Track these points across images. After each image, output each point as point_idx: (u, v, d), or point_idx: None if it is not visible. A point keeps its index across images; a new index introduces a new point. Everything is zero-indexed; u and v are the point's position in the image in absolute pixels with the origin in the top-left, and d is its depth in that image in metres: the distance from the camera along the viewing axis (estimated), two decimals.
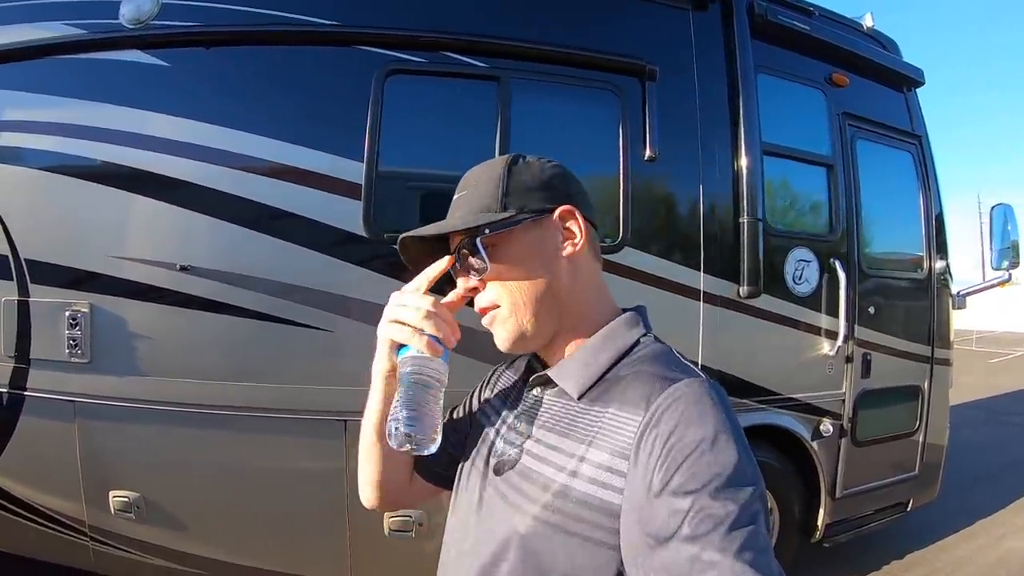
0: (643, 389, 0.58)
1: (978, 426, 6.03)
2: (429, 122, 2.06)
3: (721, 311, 2.19)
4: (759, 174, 2.23)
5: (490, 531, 0.63)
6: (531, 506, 0.59)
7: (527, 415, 0.69)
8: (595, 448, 0.58)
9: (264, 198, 1.94)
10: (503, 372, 0.83)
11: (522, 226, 0.66)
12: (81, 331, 1.95)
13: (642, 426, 0.55)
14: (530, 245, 0.67)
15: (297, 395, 1.93)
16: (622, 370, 0.64)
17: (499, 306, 0.66)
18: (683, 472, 0.51)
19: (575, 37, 2.10)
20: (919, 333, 2.76)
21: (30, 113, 2.05)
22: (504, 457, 0.68)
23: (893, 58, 2.84)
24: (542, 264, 0.67)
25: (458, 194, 0.70)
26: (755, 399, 2.28)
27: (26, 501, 2.08)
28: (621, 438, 0.57)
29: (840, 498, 2.55)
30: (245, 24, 2.00)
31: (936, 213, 2.85)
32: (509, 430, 0.70)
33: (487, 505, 0.66)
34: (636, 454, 0.55)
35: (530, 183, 0.67)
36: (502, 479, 0.66)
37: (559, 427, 0.64)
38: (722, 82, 2.26)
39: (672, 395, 0.56)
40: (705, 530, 0.48)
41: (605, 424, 0.59)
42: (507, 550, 0.60)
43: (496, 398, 0.79)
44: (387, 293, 2.20)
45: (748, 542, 0.47)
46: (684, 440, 0.52)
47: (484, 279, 0.67)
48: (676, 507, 0.50)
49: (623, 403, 0.59)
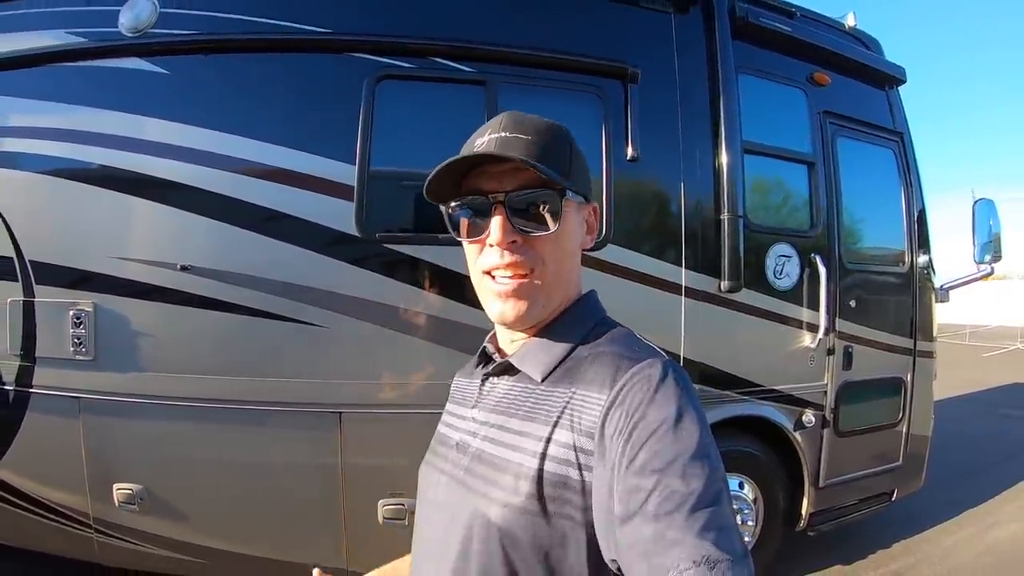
0: (607, 369, 0.59)
1: (970, 419, 6.06)
2: (419, 126, 2.13)
3: (703, 306, 2.25)
4: (740, 172, 2.29)
5: (460, 523, 0.62)
6: (504, 494, 0.59)
7: (487, 405, 0.68)
8: (561, 428, 0.58)
9: (261, 200, 2.01)
10: (456, 381, 0.82)
11: (576, 203, 0.66)
12: (85, 330, 2.02)
13: (607, 405, 0.56)
14: (577, 224, 0.68)
15: (294, 389, 2.00)
16: (583, 351, 0.64)
17: (530, 269, 0.63)
18: (647, 450, 0.52)
19: (559, 41, 2.17)
20: (901, 326, 2.81)
21: (33, 119, 2.12)
22: (469, 449, 0.66)
23: (875, 57, 2.89)
24: (577, 245, 0.68)
25: (513, 133, 0.62)
26: (737, 391, 2.34)
27: (32, 495, 2.15)
28: (587, 417, 0.57)
29: (824, 488, 2.60)
30: (241, 32, 2.07)
31: (918, 208, 2.90)
32: (470, 422, 0.69)
33: (457, 499, 0.65)
34: (601, 432, 0.55)
35: (583, 164, 0.68)
36: (469, 472, 0.64)
37: (522, 411, 0.63)
38: (703, 83, 2.32)
39: (636, 375, 0.56)
40: (669, 508, 0.49)
41: (570, 404, 0.59)
42: (482, 539, 0.59)
43: (453, 403, 0.78)
44: (380, 290, 2.27)
45: (712, 520, 0.48)
46: (648, 419, 0.53)
47: (540, 238, 0.62)
48: (640, 485, 0.50)
49: (587, 383, 0.59)
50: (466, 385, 0.76)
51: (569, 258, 0.67)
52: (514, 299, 0.63)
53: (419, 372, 2.05)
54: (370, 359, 2.04)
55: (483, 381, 0.71)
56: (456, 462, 0.67)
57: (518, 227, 0.62)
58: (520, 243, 0.62)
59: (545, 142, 0.62)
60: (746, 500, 2.50)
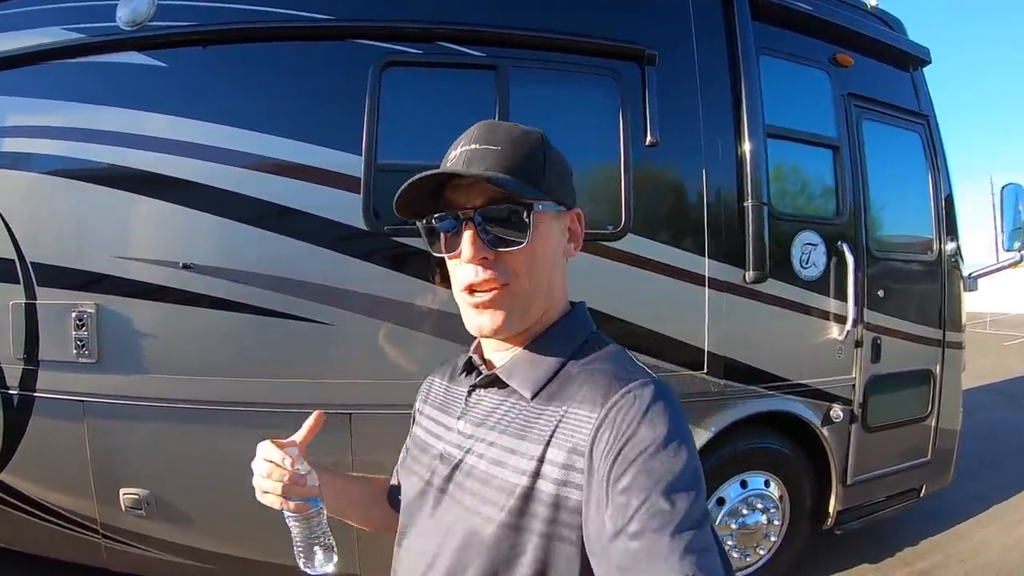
0: (598, 388, 0.59)
1: (992, 410, 5.94)
2: (428, 113, 2.05)
3: (727, 297, 2.16)
4: (763, 157, 2.19)
5: (448, 540, 0.62)
6: (492, 510, 0.59)
7: (474, 418, 0.67)
8: (553, 447, 0.58)
9: (265, 195, 1.95)
10: (433, 381, 0.81)
11: (555, 213, 0.65)
12: (88, 331, 1.97)
13: (597, 423, 0.56)
14: (553, 234, 0.66)
15: (302, 389, 1.94)
16: (573, 368, 0.64)
17: (504, 282, 0.63)
18: (634, 469, 0.52)
19: (573, 23, 2.08)
20: (930, 316, 2.71)
21: (31, 118, 2.07)
22: (456, 463, 0.66)
23: (898, 37, 2.79)
24: (555, 256, 0.67)
25: (482, 145, 0.62)
26: (763, 385, 2.25)
27: (39, 500, 2.11)
28: (578, 436, 0.57)
29: (851, 485, 2.52)
30: (241, 22, 2.00)
31: (945, 194, 2.80)
32: (456, 435, 0.68)
33: (443, 512, 0.65)
34: (591, 451, 0.56)
35: (562, 172, 0.67)
36: (456, 485, 0.64)
37: (513, 428, 0.62)
38: (723, 65, 2.22)
39: (627, 394, 0.57)
40: (654, 527, 0.49)
41: (562, 423, 0.59)
42: (471, 555, 0.59)
43: (429, 406, 0.77)
44: (389, 286, 2.20)
45: (695, 541, 0.49)
46: (637, 439, 0.54)
47: (510, 252, 0.62)
48: (627, 503, 0.51)
49: (579, 402, 0.59)
50: (447, 392, 0.75)
51: (546, 269, 0.65)
52: (490, 311, 0.64)
53: (431, 370, 1.97)
54: (380, 357, 1.97)
55: (469, 392, 0.70)
56: (441, 474, 0.67)
57: (488, 242, 0.62)
58: (492, 258, 0.62)
59: (515, 152, 0.62)
60: (772, 498, 2.41)
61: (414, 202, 0.65)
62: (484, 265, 0.62)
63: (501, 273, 0.62)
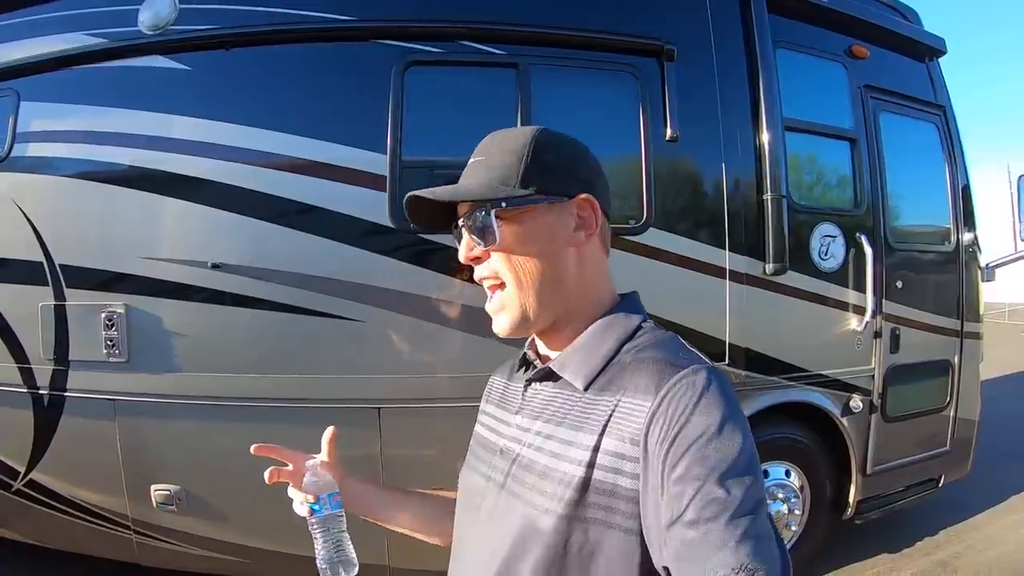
0: (651, 376, 0.59)
1: (1010, 400, 5.89)
2: (450, 111, 2.07)
3: (748, 289, 2.17)
4: (782, 150, 2.20)
5: (508, 530, 0.62)
6: (551, 502, 0.59)
7: (531, 412, 0.68)
8: (608, 437, 0.58)
9: (291, 194, 1.97)
10: (494, 380, 0.82)
11: (539, 206, 0.65)
12: (117, 331, 2.00)
13: (651, 412, 0.56)
14: (543, 227, 0.65)
15: (331, 385, 1.97)
16: (625, 357, 0.64)
17: (502, 281, 0.66)
18: (689, 457, 0.52)
19: (592, 19, 2.09)
20: (948, 306, 2.71)
21: (57, 123, 2.11)
22: (514, 457, 0.66)
23: (913, 28, 2.78)
24: (550, 248, 0.66)
25: (475, 158, 0.68)
26: (784, 376, 2.27)
27: (71, 498, 2.15)
28: (632, 425, 0.57)
29: (871, 475, 2.53)
30: (263, 24, 2.02)
31: (963, 184, 2.79)
32: (514, 429, 0.69)
33: (502, 506, 0.65)
34: (646, 440, 0.55)
35: (553, 163, 0.66)
36: (515, 479, 0.65)
37: (568, 420, 0.63)
38: (741, 59, 2.23)
39: (680, 381, 0.56)
40: (709, 515, 0.49)
41: (616, 412, 0.59)
42: (528, 548, 0.60)
43: (492, 405, 0.78)
44: (415, 282, 2.22)
45: (751, 529, 0.48)
46: (691, 426, 0.53)
47: (491, 251, 0.66)
48: (683, 491, 0.51)
49: (632, 390, 0.59)
50: (506, 388, 0.77)
51: (540, 262, 0.65)
52: (497, 315, 0.68)
53: (458, 364, 2.00)
54: (408, 352, 2.00)
55: (525, 387, 0.71)
56: (501, 468, 0.67)
57: (477, 242, 0.66)
58: (483, 257, 0.66)
59: (495, 159, 0.66)
60: (793, 488, 2.42)
61: (430, 215, 0.70)
62: (477, 264, 0.68)
63: (493, 271, 0.66)
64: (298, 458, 0.81)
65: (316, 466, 0.78)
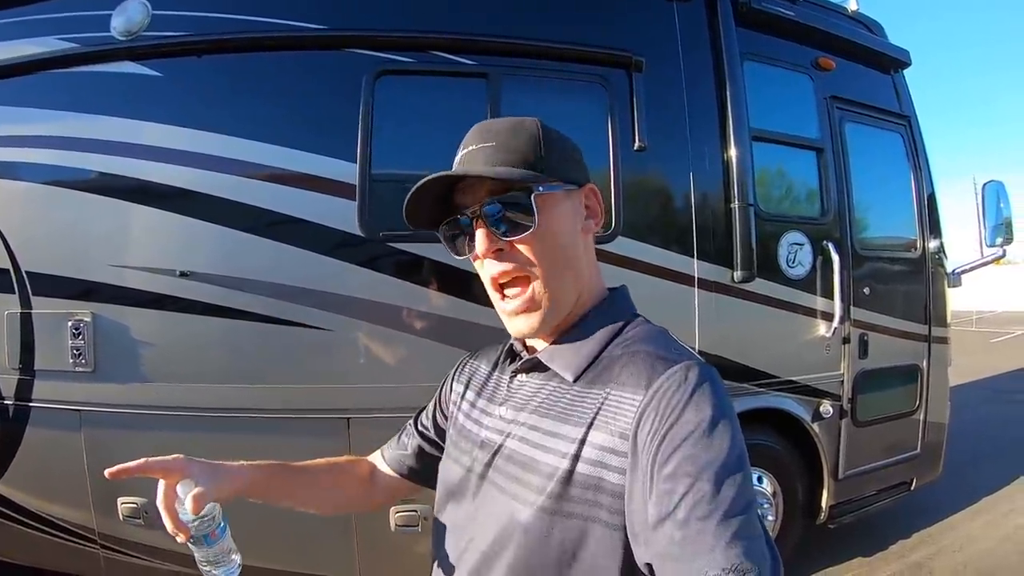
0: (642, 370, 0.58)
1: (981, 405, 6.01)
2: (421, 121, 2.08)
3: (716, 296, 2.21)
4: (749, 160, 2.25)
5: (488, 524, 0.62)
6: (533, 495, 0.58)
7: (516, 403, 0.67)
8: (596, 430, 0.57)
9: (261, 202, 1.97)
10: (470, 363, 0.81)
11: (564, 192, 0.64)
12: (84, 340, 1.97)
13: (641, 407, 0.55)
14: (567, 213, 0.65)
15: (300, 395, 1.96)
16: (615, 350, 0.63)
17: (525, 275, 0.63)
18: (680, 454, 0.51)
19: (562, 31, 2.12)
20: (915, 312, 2.77)
21: (26, 128, 2.07)
22: (496, 449, 0.65)
23: (879, 40, 2.86)
24: (572, 235, 0.65)
25: (477, 145, 0.63)
26: (754, 383, 2.30)
27: (35, 512, 2.10)
28: (622, 419, 0.56)
29: (843, 479, 2.56)
30: (236, 31, 2.02)
31: (928, 193, 2.86)
32: (498, 420, 0.68)
33: (483, 498, 0.65)
34: (635, 435, 0.54)
35: (563, 151, 0.66)
36: (496, 470, 0.64)
37: (555, 411, 0.62)
38: (708, 71, 2.27)
39: (671, 376, 0.55)
40: (700, 514, 0.48)
41: (605, 405, 0.58)
42: (509, 540, 0.59)
43: (472, 391, 0.77)
44: (385, 291, 2.19)
45: (743, 529, 0.48)
46: (682, 422, 0.52)
47: (520, 240, 0.62)
48: (673, 489, 0.50)
49: (622, 384, 0.58)
50: (490, 379, 0.75)
51: (567, 248, 0.64)
52: (524, 315, 0.64)
53: (428, 373, 1.99)
54: (378, 362, 1.99)
55: (511, 378, 0.70)
56: (482, 460, 0.66)
57: (500, 234, 0.62)
58: (507, 250, 0.62)
59: (509, 143, 0.62)
60: (765, 494, 2.45)
61: (425, 214, 0.67)
62: (500, 258, 0.63)
63: (520, 262, 0.62)
64: (170, 471, 0.68)
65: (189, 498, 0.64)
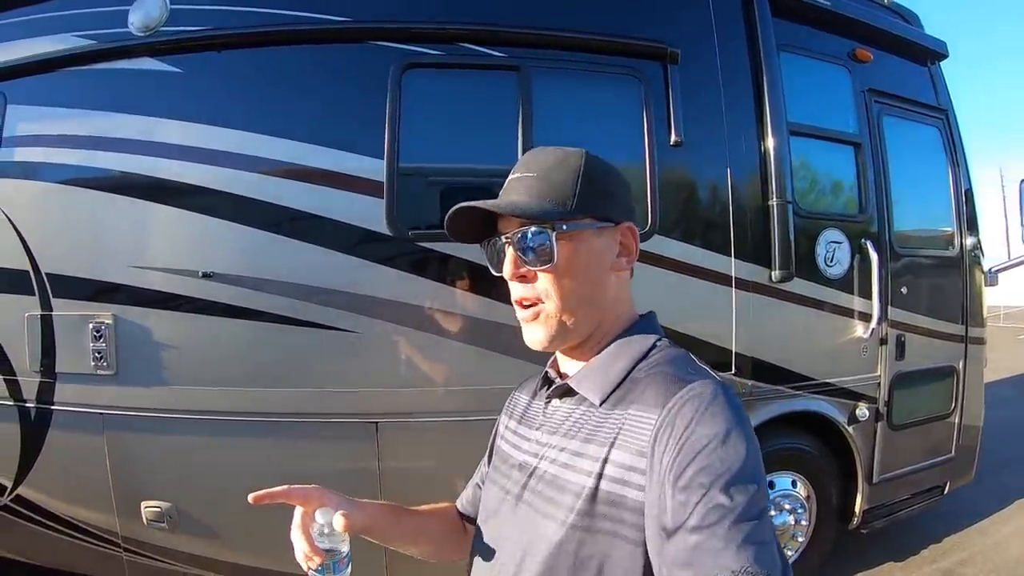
0: (660, 390, 0.61)
1: (1009, 404, 5.90)
2: (449, 116, 2.02)
3: (754, 297, 2.14)
4: (787, 155, 2.17)
5: (521, 541, 0.65)
6: (563, 513, 0.61)
7: (550, 427, 0.70)
8: (617, 449, 0.60)
9: (284, 200, 1.92)
10: (515, 395, 0.85)
11: (592, 231, 0.67)
12: (106, 343, 1.94)
13: (657, 424, 0.58)
14: (593, 251, 0.68)
15: (326, 398, 1.91)
16: (639, 373, 0.66)
17: (544, 301, 0.67)
18: (694, 466, 0.53)
19: (595, 22, 2.05)
20: (952, 312, 2.69)
21: (44, 127, 2.04)
22: (531, 470, 0.69)
23: (916, 31, 2.77)
24: (598, 271, 0.69)
25: (521, 174, 0.69)
26: (790, 385, 2.23)
27: (59, 515, 2.08)
28: (641, 438, 0.59)
29: (877, 483, 2.50)
30: (256, 25, 1.97)
31: (965, 188, 2.78)
32: (534, 444, 0.71)
33: (518, 517, 0.68)
34: (652, 451, 0.57)
35: (603, 188, 0.68)
36: (531, 491, 0.67)
37: (582, 433, 0.65)
38: (745, 63, 2.20)
39: (686, 394, 0.58)
40: (711, 521, 0.50)
41: (625, 425, 0.61)
42: (538, 555, 0.62)
43: (513, 420, 0.80)
44: (413, 291, 2.16)
45: (753, 534, 0.49)
46: (696, 436, 0.55)
47: (541, 271, 0.66)
48: (687, 500, 0.52)
49: (641, 404, 0.61)
50: (529, 406, 0.79)
51: (586, 286, 0.68)
52: (532, 328, 0.69)
53: (458, 377, 1.94)
54: (406, 365, 1.94)
55: (546, 403, 0.73)
56: (518, 481, 0.70)
57: (525, 262, 0.67)
58: (530, 277, 0.67)
59: (549, 177, 0.66)
60: (799, 499, 2.39)
61: (467, 228, 0.71)
62: (522, 282, 0.68)
63: (537, 291, 0.67)
64: (309, 499, 0.71)
65: (330, 523, 0.68)
